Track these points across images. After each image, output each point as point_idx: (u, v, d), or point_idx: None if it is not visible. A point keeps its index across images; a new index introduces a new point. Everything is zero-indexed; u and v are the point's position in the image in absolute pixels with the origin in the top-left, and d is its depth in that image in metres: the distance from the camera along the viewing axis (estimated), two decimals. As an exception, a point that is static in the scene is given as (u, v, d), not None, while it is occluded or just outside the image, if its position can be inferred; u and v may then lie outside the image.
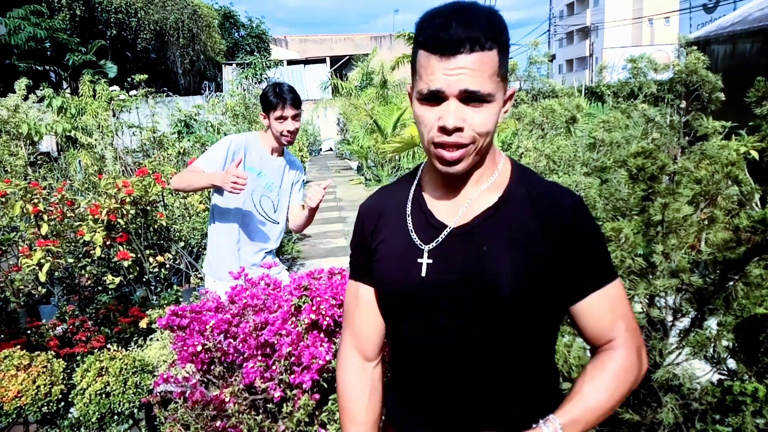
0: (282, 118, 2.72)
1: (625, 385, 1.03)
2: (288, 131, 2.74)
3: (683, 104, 3.92)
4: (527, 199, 1.06)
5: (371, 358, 1.23)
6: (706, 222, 2.12)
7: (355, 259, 1.23)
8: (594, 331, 1.06)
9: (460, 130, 0.96)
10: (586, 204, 1.09)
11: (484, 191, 1.08)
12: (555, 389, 1.15)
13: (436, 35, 0.94)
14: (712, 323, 2.00)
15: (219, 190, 2.74)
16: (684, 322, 2.07)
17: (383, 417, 1.25)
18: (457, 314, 1.03)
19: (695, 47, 4.18)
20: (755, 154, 3.09)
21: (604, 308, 1.05)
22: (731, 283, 1.90)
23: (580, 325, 1.08)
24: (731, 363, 1.96)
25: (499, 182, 1.08)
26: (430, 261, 1.06)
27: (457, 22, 0.93)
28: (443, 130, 0.96)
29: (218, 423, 1.95)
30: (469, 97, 0.95)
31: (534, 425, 1.00)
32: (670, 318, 2.06)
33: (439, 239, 1.06)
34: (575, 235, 1.03)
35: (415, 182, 1.17)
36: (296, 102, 2.73)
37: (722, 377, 1.96)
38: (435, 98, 0.97)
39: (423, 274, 1.06)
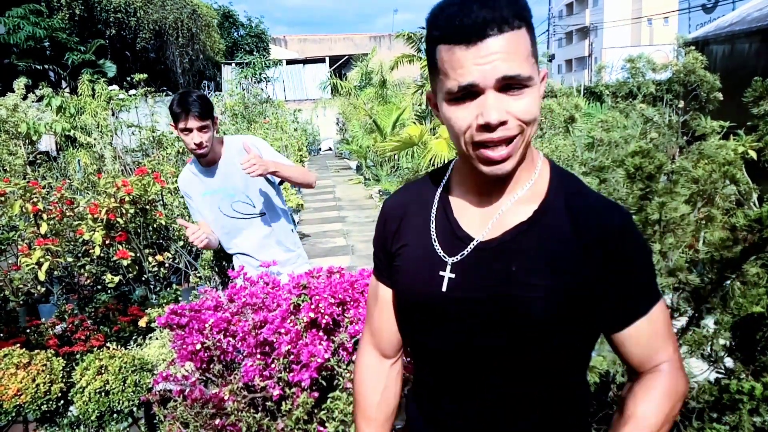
0: (186, 130, 2.53)
1: (676, 410, 0.98)
2: (195, 143, 2.55)
3: (681, 104, 3.93)
4: (567, 215, 0.95)
5: (389, 355, 1.21)
6: (703, 221, 2.12)
7: (376, 258, 1.18)
8: (638, 357, 0.99)
9: (504, 123, 0.85)
10: (635, 222, 1.01)
11: (518, 201, 0.97)
12: (578, 400, 1.07)
13: (455, 23, 0.83)
14: (709, 322, 2.01)
15: (202, 215, 2.83)
16: (681, 321, 2.08)
17: (404, 423, 1.23)
18: (476, 333, 0.98)
19: (693, 47, 4.19)
20: (753, 154, 3.10)
21: (650, 334, 0.97)
22: (728, 282, 1.91)
23: (623, 352, 1.00)
24: (728, 361, 1.97)
25: (536, 190, 0.98)
26: (453, 275, 0.98)
27: (478, 5, 0.82)
28: (486, 127, 0.85)
29: (217, 421, 1.95)
30: (508, 85, 0.84)
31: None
32: (667, 317, 2.07)
33: (464, 253, 0.98)
34: (620, 260, 0.92)
35: (443, 183, 1.07)
36: (202, 113, 2.51)
37: (719, 376, 1.97)
38: (469, 94, 0.86)
39: (444, 288, 0.98)
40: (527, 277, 0.93)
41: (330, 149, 23.55)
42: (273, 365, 2.02)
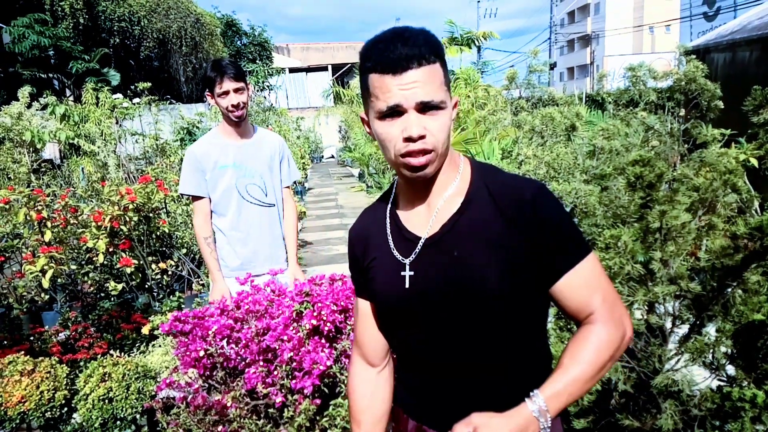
0: (224, 93, 2.63)
1: (605, 356, 1.07)
2: (232, 105, 2.65)
3: (683, 112, 3.95)
4: (489, 198, 1.12)
5: (375, 363, 1.33)
6: (704, 229, 2.13)
7: (353, 278, 1.34)
8: (573, 309, 1.12)
9: (423, 137, 1.04)
10: (548, 190, 1.13)
11: (449, 198, 1.14)
12: (549, 370, 1.19)
13: (385, 57, 1.03)
14: (710, 330, 2.01)
15: (213, 189, 2.79)
16: (683, 329, 2.08)
17: (395, 403, 1.33)
18: (442, 317, 1.12)
19: (694, 56, 4.21)
20: (755, 162, 3.10)
21: (579, 285, 1.10)
22: (729, 289, 1.91)
23: (560, 305, 1.13)
24: (730, 369, 1.97)
25: (462, 185, 1.15)
26: (412, 273, 1.15)
27: (401, 44, 1.03)
28: (409, 139, 1.04)
29: (220, 428, 1.96)
30: (426, 107, 1.04)
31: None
32: (669, 324, 2.07)
33: (416, 251, 1.15)
34: (539, 223, 1.08)
35: (391, 199, 1.26)
36: (237, 75, 2.63)
37: (721, 383, 1.97)
38: (395, 113, 1.05)
39: (407, 285, 1.15)
40: (468, 258, 1.09)
41: (332, 157, 23.60)
42: (276, 372, 2.03)
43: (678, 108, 4.00)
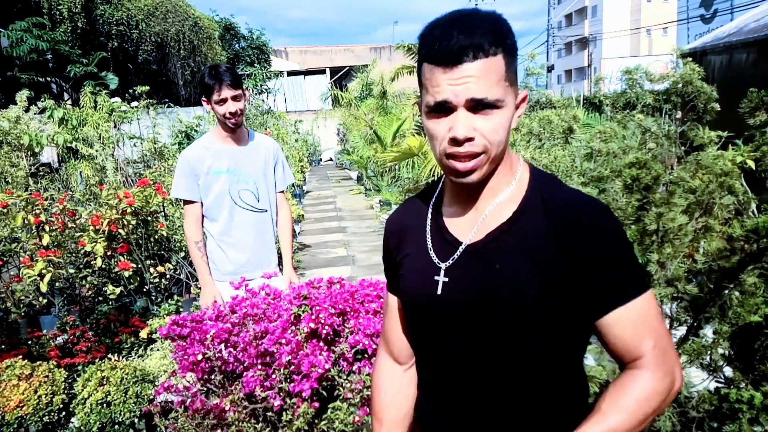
0: (222, 101, 2.63)
1: (648, 408, 0.96)
2: (230, 113, 2.65)
3: (679, 114, 3.96)
4: (543, 212, 1.01)
5: (402, 361, 1.27)
6: (701, 231, 2.14)
7: (386, 271, 1.27)
8: (619, 349, 1.00)
9: (470, 139, 0.94)
10: (611, 213, 1.02)
11: (500, 204, 1.05)
12: (583, 401, 1.12)
13: (437, 46, 0.93)
14: (708, 331, 2.01)
15: (206, 194, 2.79)
16: (680, 331, 2.09)
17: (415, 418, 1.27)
18: (471, 329, 1.05)
19: (691, 58, 4.22)
20: (751, 164, 3.11)
21: (629, 324, 0.98)
22: (726, 291, 1.92)
23: (605, 342, 1.02)
24: (727, 371, 1.98)
25: (516, 193, 1.05)
26: (446, 279, 1.06)
27: (458, 31, 0.91)
28: (454, 141, 0.95)
29: (218, 432, 1.96)
30: (478, 105, 0.93)
31: None
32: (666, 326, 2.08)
33: (455, 257, 1.06)
34: (592, 248, 0.97)
35: (436, 194, 1.16)
36: (235, 82, 2.63)
37: (719, 385, 1.97)
38: (443, 109, 0.95)
39: (438, 291, 1.07)
40: (510, 273, 1.00)
41: (331, 160, 23.61)
42: (274, 376, 2.03)
43: (675, 110, 4.01)
